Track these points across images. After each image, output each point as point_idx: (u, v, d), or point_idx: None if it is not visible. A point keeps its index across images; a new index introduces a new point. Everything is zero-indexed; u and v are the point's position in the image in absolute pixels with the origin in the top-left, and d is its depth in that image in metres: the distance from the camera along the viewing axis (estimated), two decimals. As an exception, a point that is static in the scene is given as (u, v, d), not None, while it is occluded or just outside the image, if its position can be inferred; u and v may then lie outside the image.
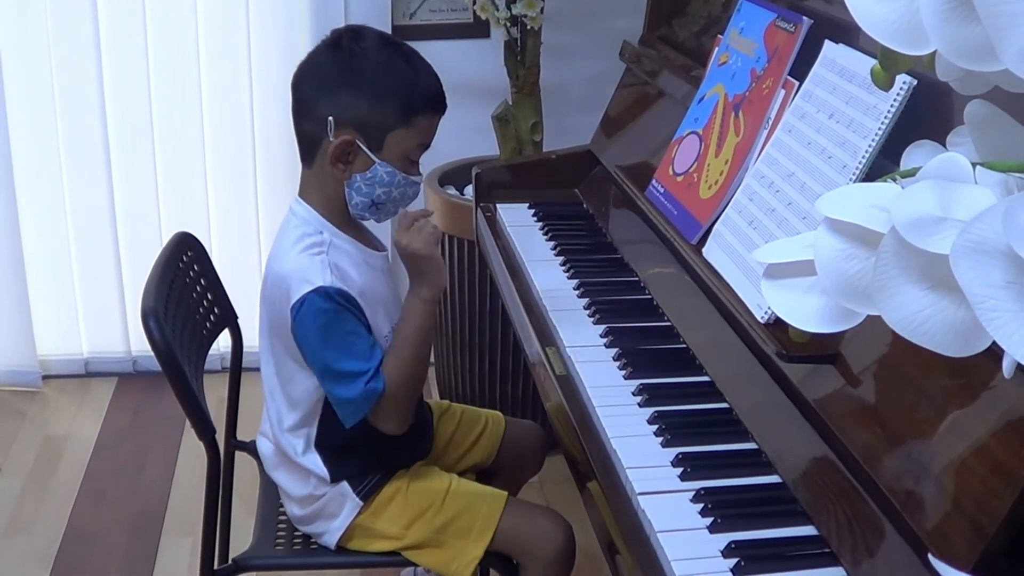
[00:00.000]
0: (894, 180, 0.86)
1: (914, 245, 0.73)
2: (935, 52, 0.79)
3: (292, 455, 2.07)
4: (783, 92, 1.99)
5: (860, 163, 1.70)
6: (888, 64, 0.88)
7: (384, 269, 2.10)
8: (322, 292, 1.92)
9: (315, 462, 2.06)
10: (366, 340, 1.97)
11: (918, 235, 0.73)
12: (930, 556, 0.71)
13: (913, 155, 0.92)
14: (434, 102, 2.01)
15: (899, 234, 0.74)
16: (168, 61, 3.50)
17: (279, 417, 2.08)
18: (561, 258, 2.45)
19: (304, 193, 2.06)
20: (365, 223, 2.11)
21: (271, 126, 3.53)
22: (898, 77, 1.55)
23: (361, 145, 1.96)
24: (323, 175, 2.01)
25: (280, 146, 3.44)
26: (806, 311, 0.87)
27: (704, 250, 2.02)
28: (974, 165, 0.82)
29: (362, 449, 2.06)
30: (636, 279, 2.32)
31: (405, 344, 2.02)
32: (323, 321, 1.93)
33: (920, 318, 0.74)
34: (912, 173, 0.85)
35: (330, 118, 1.94)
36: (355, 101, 1.95)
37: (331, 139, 1.95)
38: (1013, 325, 0.69)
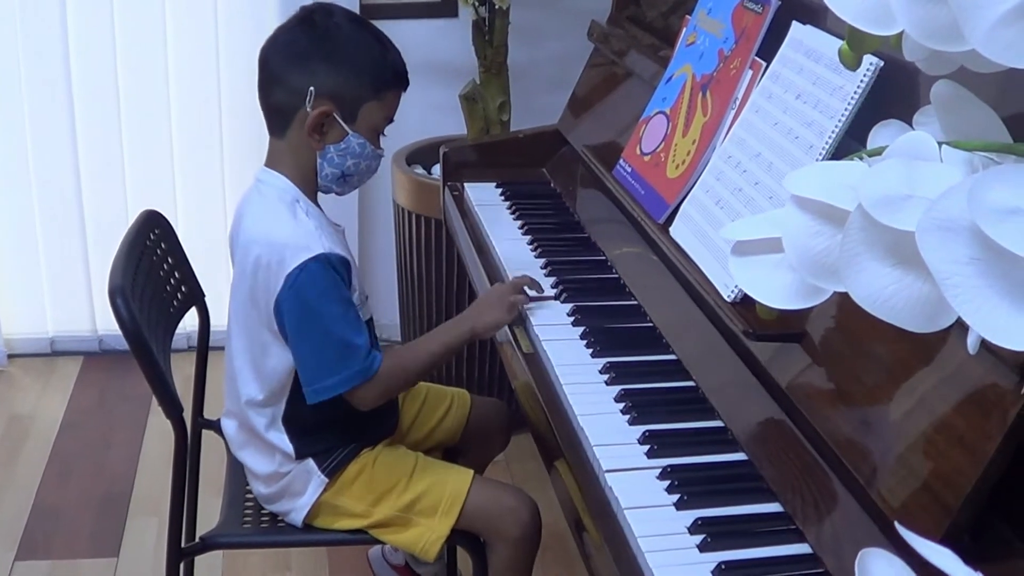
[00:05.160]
0: (861, 159, 0.87)
1: (880, 222, 0.74)
2: (902, 32, 0.80)
3: (258, 430, 2.07)
4: (750, 72, 1.99)
5: (827, 143, 1.71)
6: (855, 44, 0.89)
7: (345, 244, 2.11)
8: (322, 259, 1.93)
9: (280, 438, 2.06)
10: (356, 310, 1.99)
11: (884, 212, 0.74)
12: (896, 524, 0.71)
13: (880, 134, 0.93)
14: (401, 77, 2.07)
15: (866, 211, 0.75)
16: (134, 38, 3.47)
17: (247, 392, 2.07)
18: (528, 237, 2.45)
19: (274, 164, 2.06)
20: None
21: (239, 105, 3.51)
22: (865, 58, 1.56)
23: (337, 117, 1.99)
24: (296, 146, 2.02)
25: (248, 125, 3.42)
26: (773, 287, 0.87)
27: (671, 229, 2.02)
28: (940, 144, 0.83)
29: (328, 426, 2.06)
30: (603, 258, 2.33)
31: (433, 343, 2.11)
32: (323, 287, 1.94)
33: (886, 294, 0.75)
34: (879, 152, 0.86)
35: (311, 88, 1.96)
36: (332, 74, 1.98)
37: (308, 110, 1.97)
38: (977, 301, 0.69)
